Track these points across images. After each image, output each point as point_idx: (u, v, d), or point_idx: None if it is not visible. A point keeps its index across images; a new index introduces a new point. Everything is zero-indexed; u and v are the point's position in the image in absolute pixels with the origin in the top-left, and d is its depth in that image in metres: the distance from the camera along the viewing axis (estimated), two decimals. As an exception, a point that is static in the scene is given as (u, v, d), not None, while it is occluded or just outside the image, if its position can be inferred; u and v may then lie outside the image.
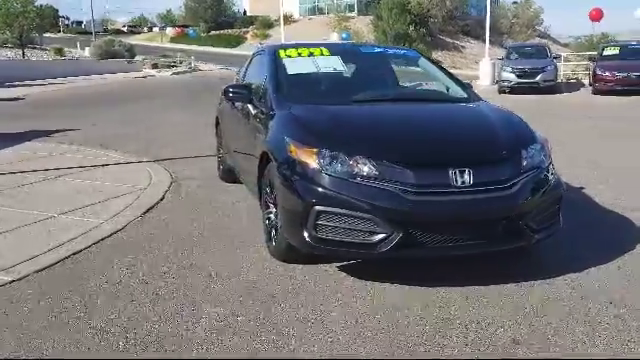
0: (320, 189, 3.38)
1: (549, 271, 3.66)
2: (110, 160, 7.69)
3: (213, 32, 56.89)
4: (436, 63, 5.39)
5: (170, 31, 59.35)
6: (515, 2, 59.30)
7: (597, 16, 21.89)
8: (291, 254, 3.79)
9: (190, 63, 34.77)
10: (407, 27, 40.96)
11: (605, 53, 19.13)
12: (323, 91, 4.71)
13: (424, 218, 3.31)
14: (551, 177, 3.70)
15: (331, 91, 4.70)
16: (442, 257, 3.60)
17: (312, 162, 3.46)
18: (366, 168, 3.35)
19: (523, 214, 3.45)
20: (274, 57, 4.87)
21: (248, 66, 5.85)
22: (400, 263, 3.72)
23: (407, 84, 5.32)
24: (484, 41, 53.12)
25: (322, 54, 4.87)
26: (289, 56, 4.84)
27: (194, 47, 49.45)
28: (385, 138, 3.62)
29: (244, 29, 57.10)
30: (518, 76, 18.58)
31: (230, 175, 6.19)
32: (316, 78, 4.80)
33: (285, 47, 5.05)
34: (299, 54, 4.86)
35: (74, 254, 4.13)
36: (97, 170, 7.04)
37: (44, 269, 3.84)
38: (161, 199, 5.72)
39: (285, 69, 4.67)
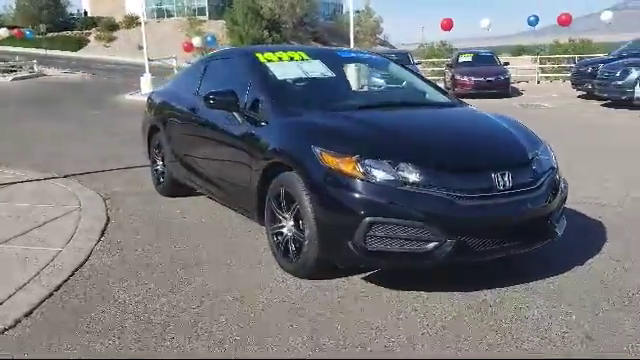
0: (370, 199, 3.21)
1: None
2: (14, 178, 6.65)
3: (51, 34, 52.02)
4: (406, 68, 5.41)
5: (4, 32, 52.99)
6: (357, 11, 62.54)
7: (448, 26, 23.82)
8: (318, 270, 3.56)
9: (32, 67, 31.49)
10: (262, 32, 41.15)
11: (461, 60, 20.85)
12: (323, 97, 4.45)
13: (475, 223, 3.29)
14: (559, 176, 3.89)
15: (331, 97, 4.48)
16: (486, 261, 3.59)
17: (354, 171, 3.27)
18: (412, 175, 3.25)
19: (551, 212, 3.59)
20: (255, 61, 4.55)
21: (204, 72, 5.28)
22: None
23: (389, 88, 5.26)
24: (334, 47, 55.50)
25: (303, 59, 4.64)
26: (270, 60, 4.53)
27: (31, 50, 44.68)
28: (423, 144, 3.53)
29: (86, 31, 53.17)
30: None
31: (175, 188, 5.72)
32: (308, 84, 4.53)
33: (262, 50, 4.74)
34: (280, 58, 4.58)
35: (56, 290, 3.48)
36: (4, 190, 6.06)
37: (36, 308, 3.20)
38: (107, 221, 5.06)
39: (273, 74, 4.37)
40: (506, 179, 3.38)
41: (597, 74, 15.45)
